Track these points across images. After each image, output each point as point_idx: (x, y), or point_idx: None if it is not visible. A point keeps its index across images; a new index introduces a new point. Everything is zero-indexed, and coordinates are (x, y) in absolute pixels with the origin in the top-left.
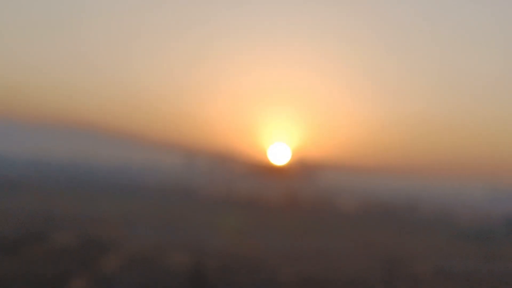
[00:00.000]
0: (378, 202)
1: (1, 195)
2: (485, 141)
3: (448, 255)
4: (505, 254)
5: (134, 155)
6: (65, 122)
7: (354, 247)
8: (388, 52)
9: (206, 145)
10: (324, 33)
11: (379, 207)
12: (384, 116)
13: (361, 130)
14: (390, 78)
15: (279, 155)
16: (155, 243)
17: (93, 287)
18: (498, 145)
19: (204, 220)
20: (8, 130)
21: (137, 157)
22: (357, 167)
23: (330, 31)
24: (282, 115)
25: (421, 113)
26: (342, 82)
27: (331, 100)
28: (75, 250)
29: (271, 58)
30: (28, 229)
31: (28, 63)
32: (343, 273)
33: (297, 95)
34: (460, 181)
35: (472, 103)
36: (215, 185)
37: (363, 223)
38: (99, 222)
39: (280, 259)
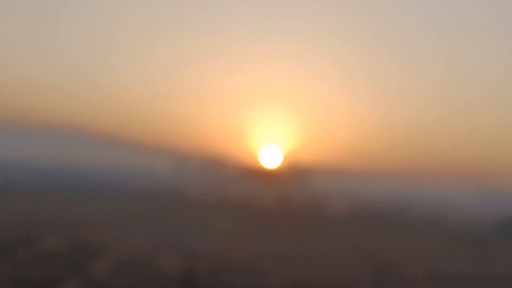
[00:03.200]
0: (370, 205)
1: None
2: (477, 144)
3: (440, 258)
4: (497, 257)
5: (124, 159)
6: (55, 126)
7: (346, 250)
8: (382, 52)
9: (196, 148)
10: (318, 31)
11: (371, 211)
12: (376, 119)
13: (353, 133)
14: (384, 80)
15: (270, 158)
16: (146, 247)
17: None
18: (490, 148)
19: (195, 224)
20: None
21: (128, 161)
22: (349, 170)
23: (324, 29)
24: (273, 118)
25: (413, 117)
26: (335, 84)
27: (324, 103)
28: (66, 254)
29: (262, 59)
30: (17, 233)
31: (16, 66)
32: (335, 277)
33: (289, 97)
34: (451, 184)
35: (464, 107)
36: (206, 189)
37: (355, 227)
38: (90, 226)
39: (271, 262)
